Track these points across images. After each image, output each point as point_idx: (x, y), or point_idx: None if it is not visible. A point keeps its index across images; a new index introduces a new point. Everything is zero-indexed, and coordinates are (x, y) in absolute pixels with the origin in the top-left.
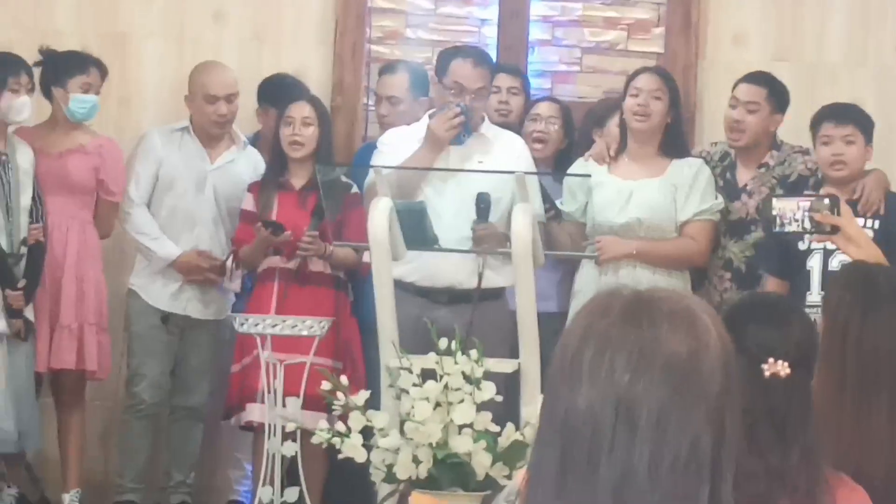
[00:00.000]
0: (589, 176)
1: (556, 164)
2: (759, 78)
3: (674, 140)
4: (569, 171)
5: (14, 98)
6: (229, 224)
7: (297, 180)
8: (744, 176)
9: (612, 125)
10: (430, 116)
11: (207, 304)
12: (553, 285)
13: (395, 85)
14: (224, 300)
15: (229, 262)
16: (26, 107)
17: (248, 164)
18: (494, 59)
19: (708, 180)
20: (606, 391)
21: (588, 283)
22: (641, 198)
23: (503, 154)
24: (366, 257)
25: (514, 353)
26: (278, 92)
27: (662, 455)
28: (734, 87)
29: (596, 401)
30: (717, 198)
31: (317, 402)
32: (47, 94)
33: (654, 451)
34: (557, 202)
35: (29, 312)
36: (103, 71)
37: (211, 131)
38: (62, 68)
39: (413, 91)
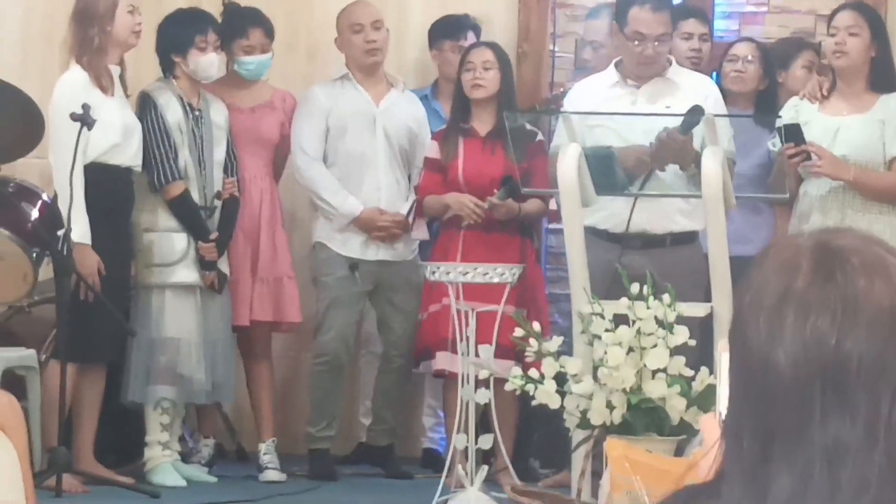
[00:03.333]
0: (797, 125)
1: (756, 103)
2: None
3: (881, 74)
4: (780, 113)
5: (200, 56)
6: (403, 165)
7: (482, 126)
8: None
9: (798, 67)
10: (616, 65)
11: (396, 246)
12: (753, 228)
13: (599, 29)
14: (411, 241)
15: (411, 216)
16: (213, 65)
17: (411, 105)
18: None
19: None
20: (812, 352)
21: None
22: (847, 135)
23: (690, 96)
24: (553, 204)
25: (708, 297)
26: (446, 27)
27: (878, 413)
28: None
29: (802, 365)
30: None
31: (508, 350)
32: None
33: (868, 410)
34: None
35: (223, 265)
36: (267, 29)
37: (365, 62)
38: (226, 31)
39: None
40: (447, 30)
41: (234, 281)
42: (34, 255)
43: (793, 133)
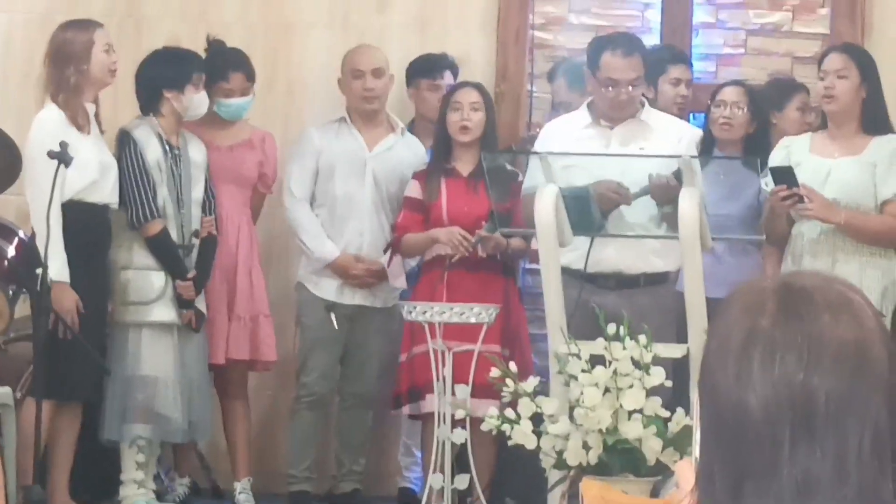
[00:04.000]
0: (790, 168)
1: (745, 146)
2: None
3: (872, 116)
4: (772, 153)
5: (195, 93)
6: (390, 211)
7: (464, 166)
8: None
9: (792, 109)
10: (589, 106)
11: (375, 292)
12: (742, 271)
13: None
14: (391, 289)
15: (388, 255)
16: (204, 103)
17: (408, 150)
18: (659, 42)
19: None
20: (781, 392)
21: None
22: (838, 177)
23: (664, 139)
24: (532, 244)
25: (680, 337)
26: (423, 66)
27: (847, 448)
28: None
29: (772, 403)
30: None
31: (485, 390)
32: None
33: (838, 445)
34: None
35: (201, 303)
36: (248, 72)
37: (362, 108)
38: (208, 72)
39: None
40: (424, 68)
41: (210, 319)
42: (10, 292)
43: (784, 175)
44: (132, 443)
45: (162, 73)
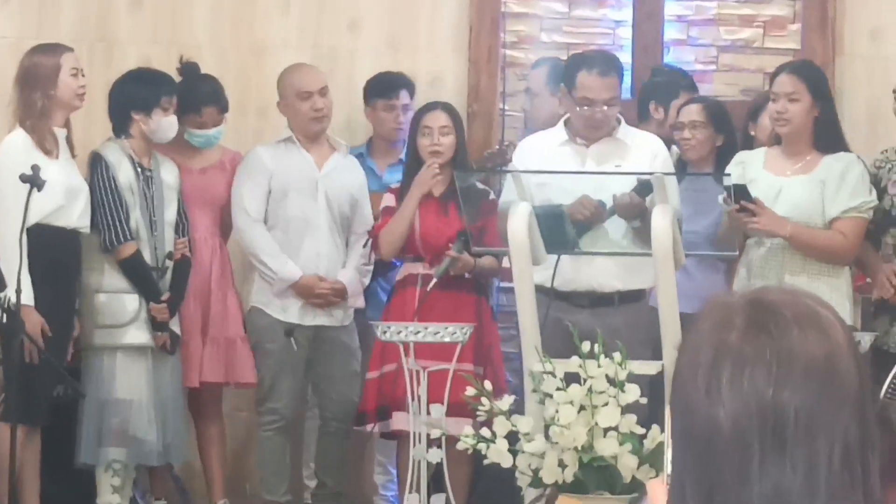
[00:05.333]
0: (744, 186)
1: (716, 161)
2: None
3: (825, 134)
4: (728, 169)
5: (164, 117)
6: (342, 230)
7: (436, 187)
8: None
9: (764, 117)
10: (565, 123)
11: (332, 311)
12: (712, 286)
13: (537, 79)
14: (347, 307)
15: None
16: (174, 127)
17: (353, 170)
18: (630, 60)
19: (859, 176)
20: (751, 407)
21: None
22: (789, 195)
23: (639, 157)
24: (505, 262)
25: (654, 354)
26: (379, 86)
27: (818, 461)
28: None
29: (741, 418)
30: (870, 193)
31: (460, 409)
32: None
33: (809, 458)
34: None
35: (175, 326)
36: (221, 105)
37: (311, 129)
38: (180, 101)
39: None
40: (380, 88)
41: (184, 342)
42: None
43: (740, 192)
44: (108, 466)
45: (131, 95)
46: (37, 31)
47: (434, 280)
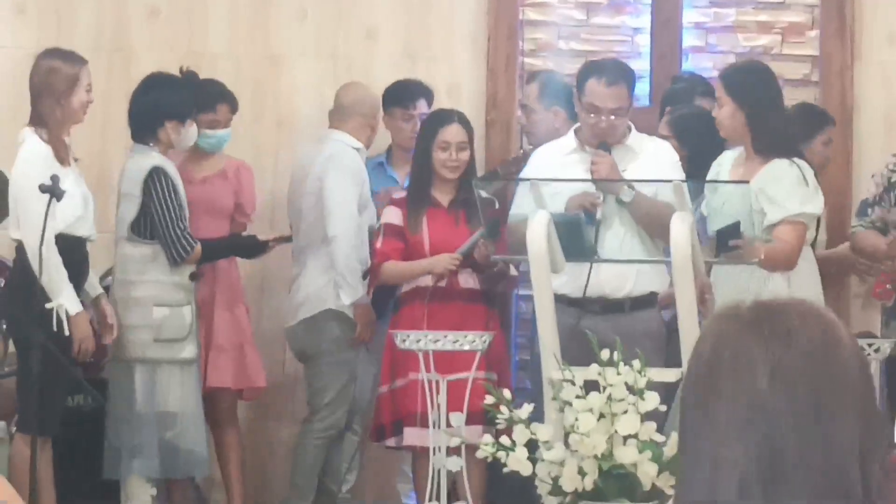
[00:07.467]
0: (747, 182)
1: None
2: None
3: (760, 139)
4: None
5: (191, 126)
6: None
7: (444, 196)
8: None
9: (818, 143)
10: (576, 132)
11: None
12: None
13: (530, 94)
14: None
15: (365, 278)
16: (196, 134)
17: None
18: (648, 68)
19: (794, 181)
20: (753, 400)
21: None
22: (728, 202)
23: (650, 163)
24: (512, 270)
25: (667, 361)
26: (398, 94)
27: (816, 448)
28: None
29: (740, 409)
30: (815, 196)
31: (477, 417)
32: None
33: (806, 443)
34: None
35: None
36: (233, 105)
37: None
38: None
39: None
40: (398, 97)
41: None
42: (3, 326)
43: (732, 231)
44: (149, 478)
45: (167, 102)
46: (54, 41)
47: (459, 256)
